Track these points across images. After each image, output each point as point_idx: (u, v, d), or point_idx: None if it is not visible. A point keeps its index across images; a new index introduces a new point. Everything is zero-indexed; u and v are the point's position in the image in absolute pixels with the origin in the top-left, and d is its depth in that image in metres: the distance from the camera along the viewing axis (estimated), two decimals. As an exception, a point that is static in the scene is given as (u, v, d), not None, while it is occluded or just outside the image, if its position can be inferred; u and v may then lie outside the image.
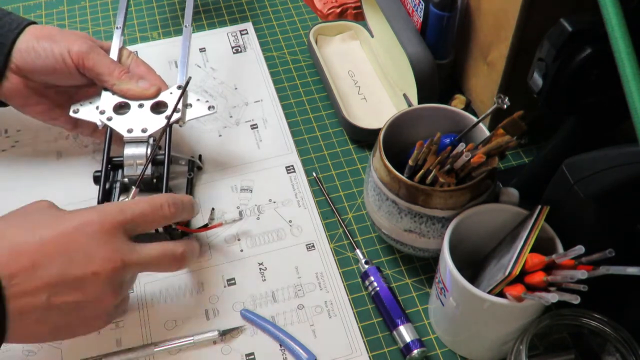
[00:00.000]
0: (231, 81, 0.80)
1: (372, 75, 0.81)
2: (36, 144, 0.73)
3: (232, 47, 0.84)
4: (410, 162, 0.54)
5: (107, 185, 0.62)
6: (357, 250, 0.64)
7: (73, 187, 0.69)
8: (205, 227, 0.63)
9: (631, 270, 0.43)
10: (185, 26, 0.70)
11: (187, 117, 0.64)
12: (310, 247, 0.65)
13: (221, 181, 0.70)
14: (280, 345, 0.58)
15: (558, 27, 0.49)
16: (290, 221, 0.67)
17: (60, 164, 0.72)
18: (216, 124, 0.75)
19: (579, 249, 0.46)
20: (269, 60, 0.83)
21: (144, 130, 0.62)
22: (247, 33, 0.86)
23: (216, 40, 0.84)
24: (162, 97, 0.64)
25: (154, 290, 0.62)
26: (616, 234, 0.51)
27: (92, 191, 0.64)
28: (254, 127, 0.75)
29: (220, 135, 0.74)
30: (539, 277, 0.48)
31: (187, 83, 0.64)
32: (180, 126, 0.64)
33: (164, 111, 0.63)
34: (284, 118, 0.76)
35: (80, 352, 0.58)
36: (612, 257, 0.44)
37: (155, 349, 0.57)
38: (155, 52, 0.83)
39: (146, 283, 0.62)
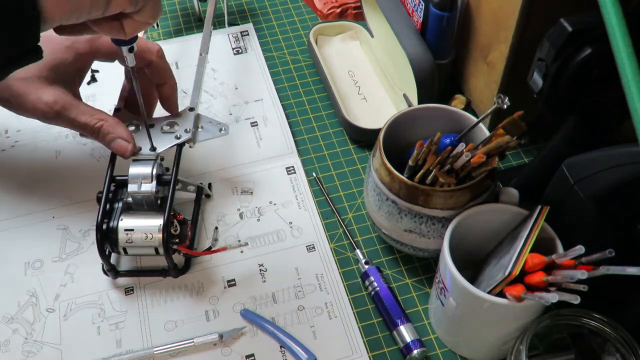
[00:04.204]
0: (232, 81, 0.80)
1: (372, 75, 0.81)
2: (36, 144, 0.73)
3: (233, 49, 0.84)
4: (410, 162, 0.54)
5: (108, 206, 0.60)
6: (357, 251, 0.64)
7: (72, 186, 0.69)
8: (209, 250, 0.62)
9: (631, 270, 0.43)
10: (201, 54, 0.71)
11: (199, 139, 0.64)
12: (310, 248, 0.65)
13: (222, 183, 0.70)
14: (281, 347, 0.58)
15: (558, 27, 0.49)
16: (290, 222, 0.67)
17: (59, 162, 0.72)
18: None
19: (579, 249, 0.45)
20: (269, 60, 0.83)
21: (152, 149, 0.61)
22: (247, 34, 0.86)
23: (217, 41, 0.84)
24: (173, 117, 0.64)
25: (154, 291, 0.62)
26: (616, 234, 0.51)
27: (91, 189, 0.64)
28: (254, 124, 0.75)
29: (220, 130, 0.74)
30: (539, 277, 0.48)
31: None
32: (191, 147, 0.64)
33: (175, 131, 0.63)
34: (284, 117, 0.76)
35: (80, 353, 0.58)
36: (612, 257, 0.44)
37: (156, 351, 0.57)
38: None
39: (146, 284, 0.62)
